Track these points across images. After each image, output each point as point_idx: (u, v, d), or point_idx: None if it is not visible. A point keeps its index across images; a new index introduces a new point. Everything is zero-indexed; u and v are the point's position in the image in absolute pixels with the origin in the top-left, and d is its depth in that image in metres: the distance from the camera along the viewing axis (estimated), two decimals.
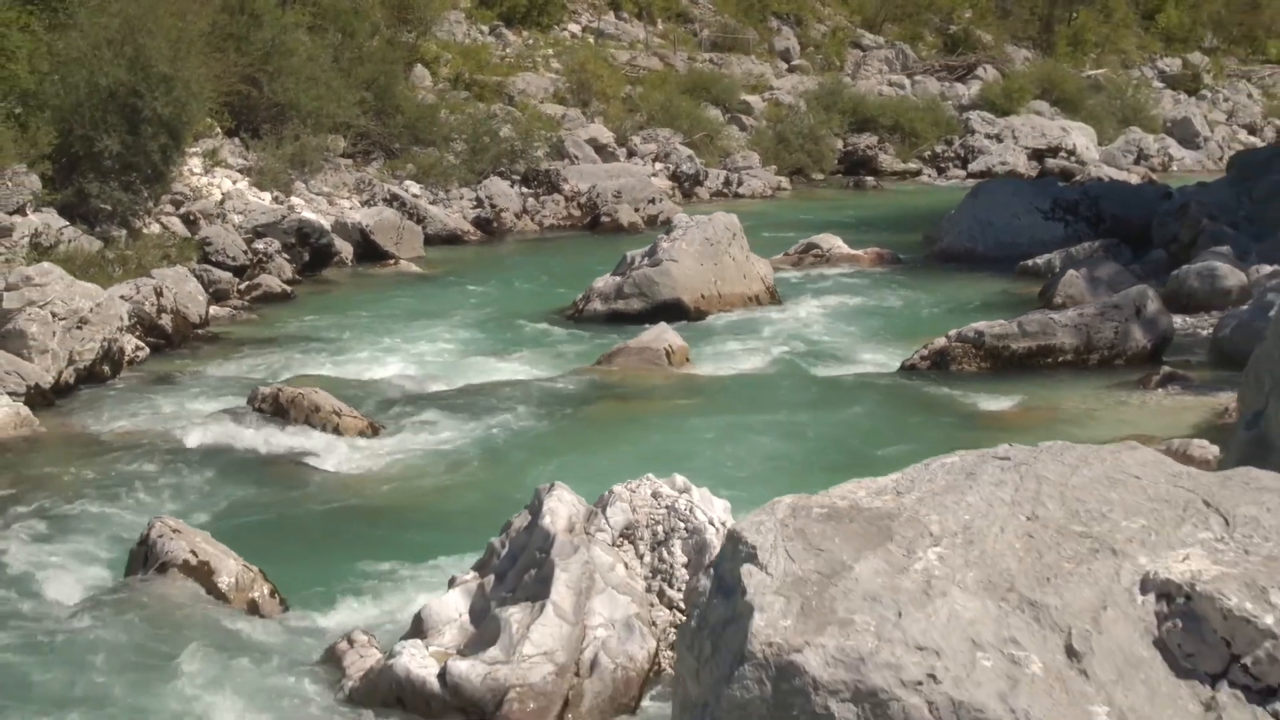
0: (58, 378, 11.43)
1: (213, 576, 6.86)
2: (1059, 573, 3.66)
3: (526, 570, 6.01)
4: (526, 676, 5.54)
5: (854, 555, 3.67)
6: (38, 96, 15.97)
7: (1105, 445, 4.25)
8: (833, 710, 3.35)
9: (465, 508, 8.13)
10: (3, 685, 5.93)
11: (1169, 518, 3.86)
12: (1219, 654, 3.50)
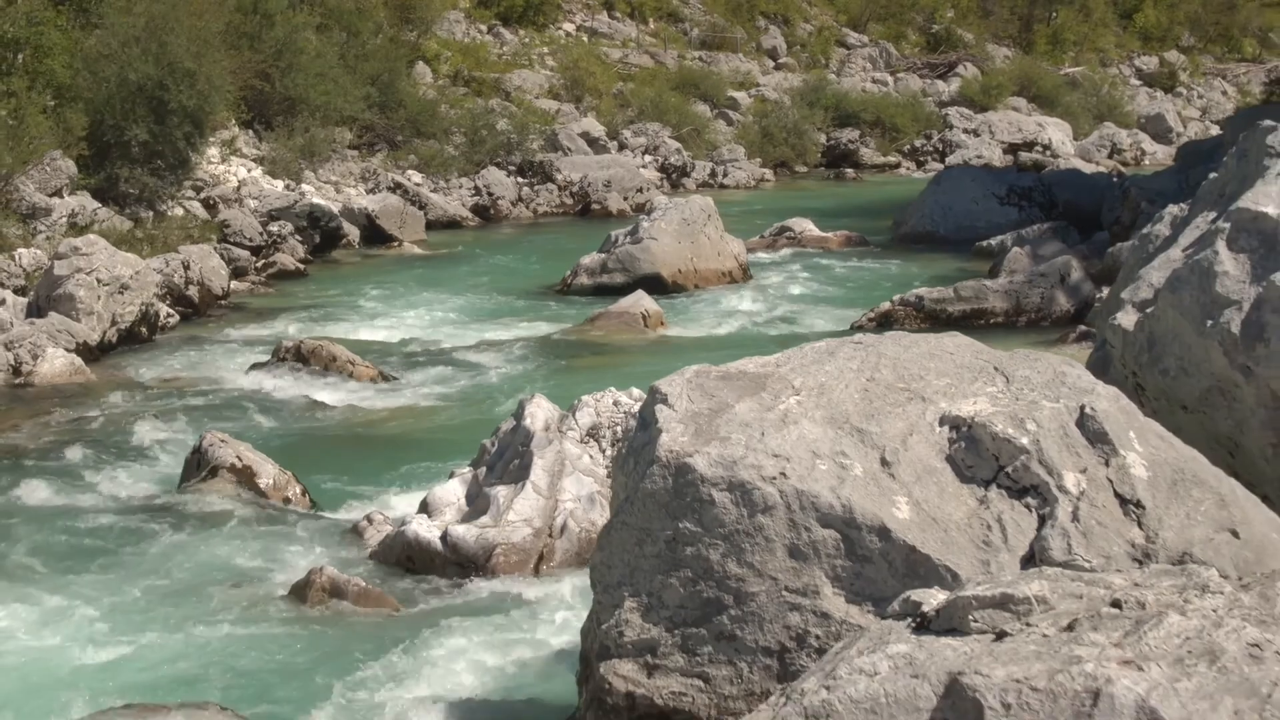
0: (102, 336, 12.91)
1: (255, 478, 8.36)
2: (882, 412, 5.15)
3: (511, 461, 7.51)
4: (510, 537, 7.03)
5: (735, 399, 5.17)
6: (72, 90, 17.44)
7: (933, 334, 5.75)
8: (714, 497, 4.84)
9: (462, 430, 9.60)
10: (84, 561, 7.38)
11: (967, 378, 5.36)
12: (990, 465, 5.00)
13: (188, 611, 6.48)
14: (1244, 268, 6.43)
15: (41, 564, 7.14)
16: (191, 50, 17.76)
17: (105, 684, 5.59)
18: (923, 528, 4.81)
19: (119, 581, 6.90)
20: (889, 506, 4.83)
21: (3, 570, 7.07)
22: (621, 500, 5.10)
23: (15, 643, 6.08)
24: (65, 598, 6.61)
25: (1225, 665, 3.59)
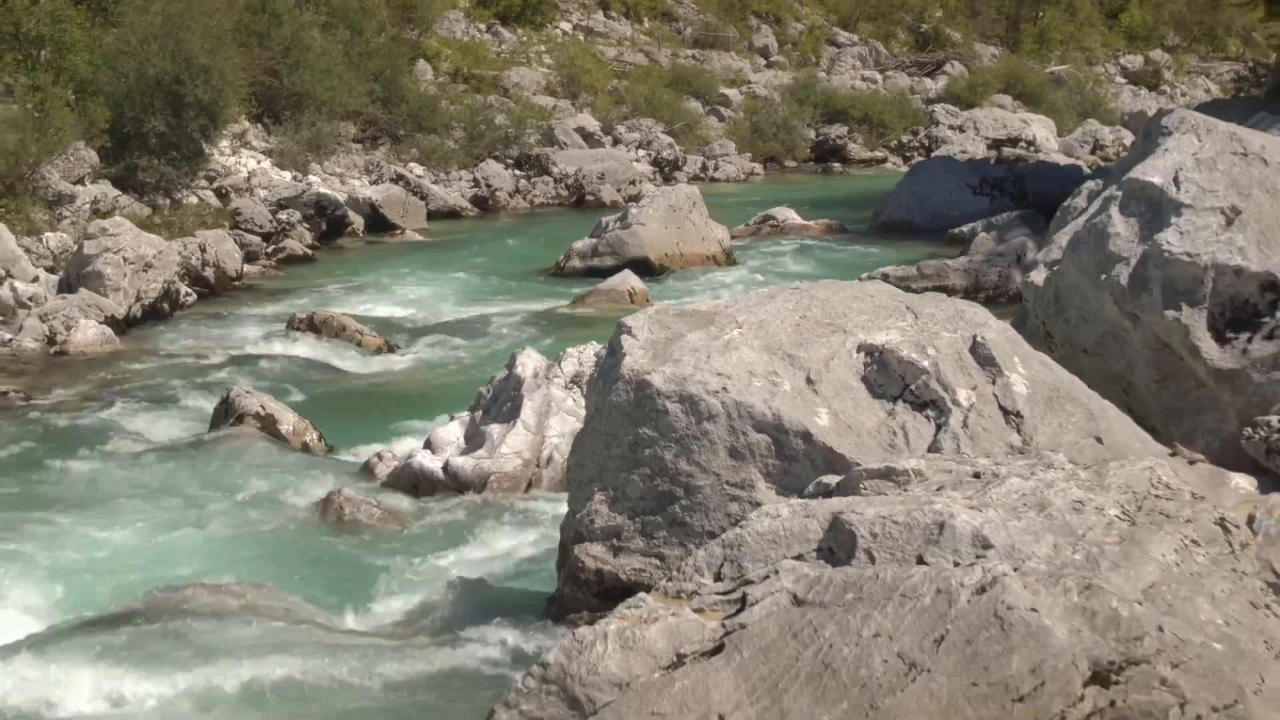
0: (128, 311, 13.95)
1: (276, 424, 9.40)
2: (809, 341, 6.20)
3: (504, 404, 8.56)
4: (502, 467, 8.08)
5: (688, 330, 6.22)
6: (93, 84, 18.49)
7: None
8: (667, 407, 5.89)
9: (459, 387, 10.63)
10: (132, 487, 8.42)
11: (882, 315, 6.41)
12: (897, 384, 6.05)
13: (225, 524, 7.53)
14: (1133, 229, 7.48)
15: (98, 489, 8.21)
16: (205, 47, 18.80)
17: (163, 574, 6.62)
18: (839, 433, 5.86)
19: (164, 502, 7.95)
20: (812, 416, 5.87)
21: (64, 496, 8.11)
22: (592, 412, 6.16)
23: (82, 547, 7.12)
24: (121, 514, 7.67)
25: (1050, 513, 4.65)
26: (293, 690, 5.36)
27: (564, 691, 4.02)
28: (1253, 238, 7.21)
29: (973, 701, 4.00)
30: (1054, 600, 4.17)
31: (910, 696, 3.97)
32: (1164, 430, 7.35)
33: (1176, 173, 7.47)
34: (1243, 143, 7.59)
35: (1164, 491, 5.07)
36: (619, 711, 3.91)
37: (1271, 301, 7.15)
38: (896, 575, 4.13)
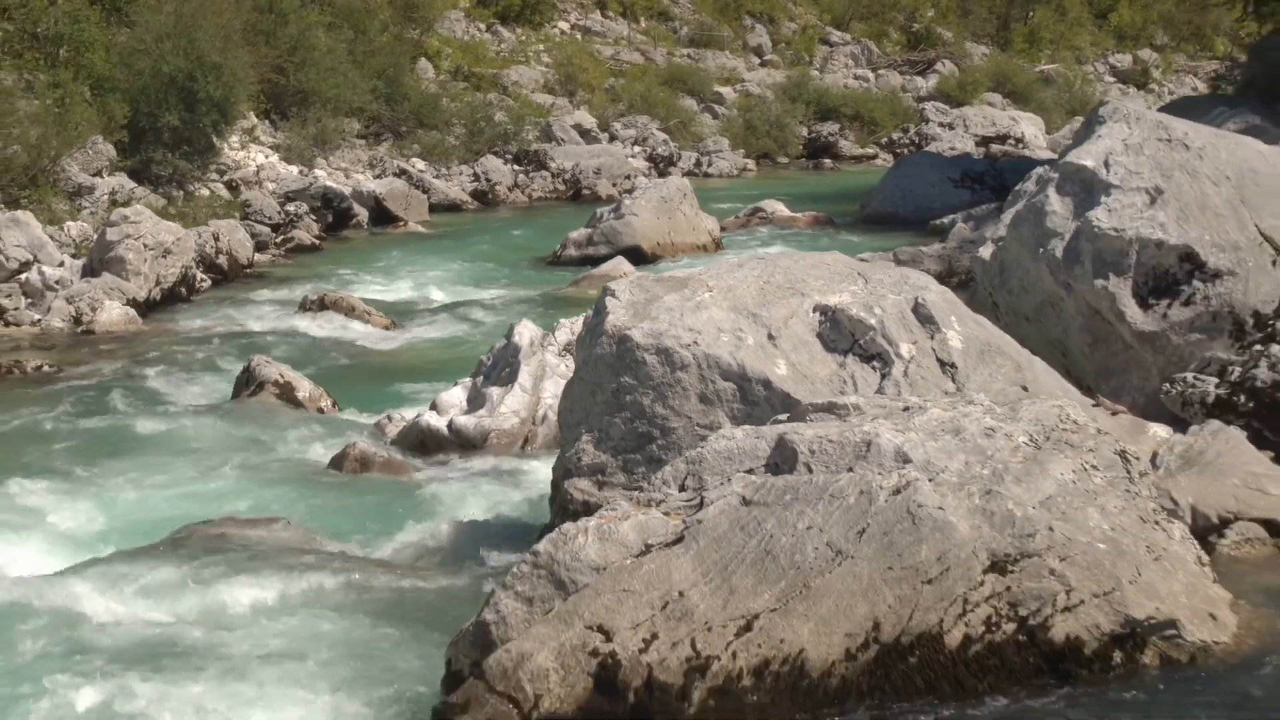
0: (148, 294, 14.76)
1: (294, 391, 10.24)
2: (772, 302, 7.04)
3: (503, 369, 9.39)
4: (501, 424, 8.92)
5: (665, 293, 7.05)
6: (110, 81, 19.32)
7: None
8: (645, 359, 6.72)
9: (460, 360, 11.43)
10: (162, 445, 9.25)
11: (837, 280, 7.24)
12: (847, 339, 6.88)
13: (251, 472, 8.37)
14: (1068, 207, 8.33)
15: (134, 445, 9.06)
16: (217, 45, 19.64)
17: (197, 513, 7.45)
18: (796, 381, 6.69)
19: (195, 454, 8.80)
20: (772, 366, 6.71)
21: (104, 450, 8.94)
22: (580, 363, 7.00)
23: (125, 491, 7.96)
24: (157, 465, 8.51)
25: (964, 437, 5.49)
26: (310, 603, 6.18)
27: (551, 575, 4.86)
28: (1173, 215, 8.06)
29: (889, 583, 4.85)
30: (959, 502, 5.01)
31: (837, 578, 4.81)
32: (1096, 388, 8.20)
33: (1107, 157, 8.31)
34: (1168, 130, 8.43)
35: (1070, 426, 5.91)
36: (596, 589, 4.74)
37: (1189, 271, 8.00)
38: (827, 479, 4.98)
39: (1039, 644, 5.01)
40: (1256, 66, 22.17)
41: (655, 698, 4.63)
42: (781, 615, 4.74)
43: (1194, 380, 7.64)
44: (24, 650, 5.63)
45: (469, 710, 4.63)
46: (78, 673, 5.33)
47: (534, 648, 4.65)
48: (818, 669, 4.75)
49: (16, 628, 5.82)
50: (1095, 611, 5.07)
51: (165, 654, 5.59)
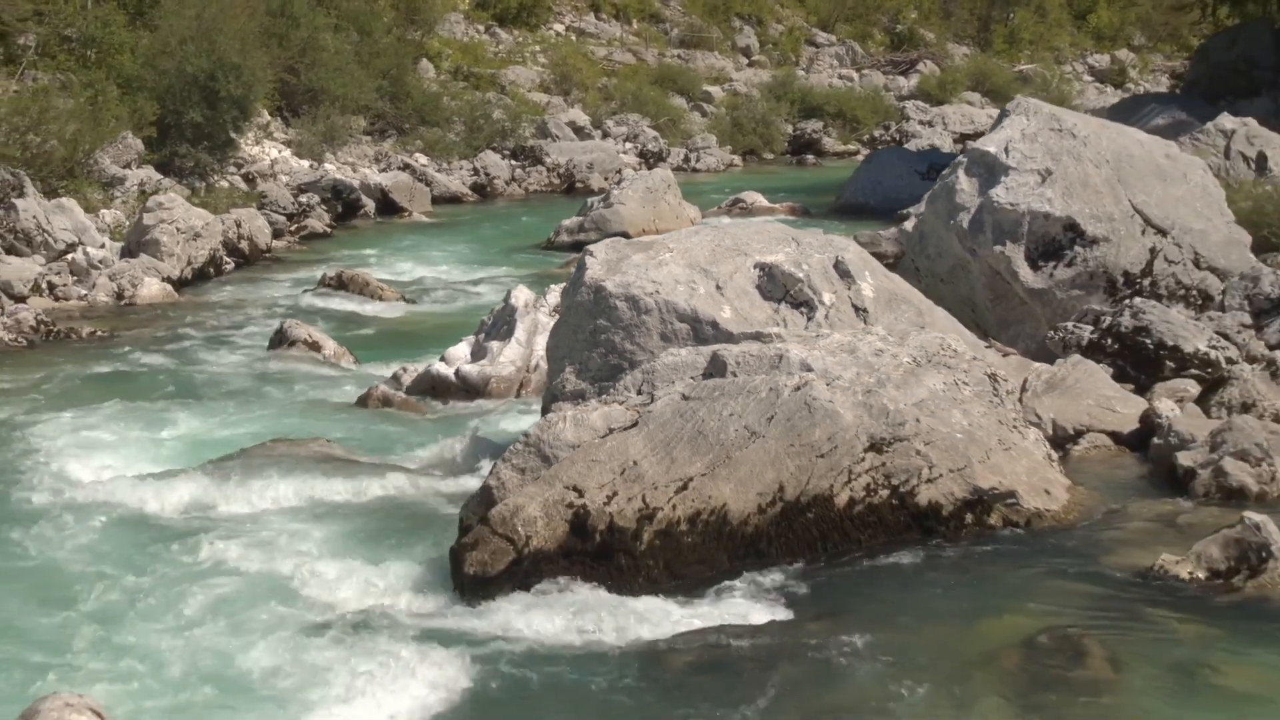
0: (181, 273, 16.36)
1: (321, 348, 11.85)
2: (720, 260, 8.65)
3: (501, 326, 11.00)
4: (500, 372, 10.53)
5: (633, 253, 8.67)
6: (137, 81, 20.92)
7: (758, 218, 9.26)
8: (616, 305, 8.33)
9: (464, 327, 12.98)
10: (209, 390, 10.84)
11: (774, 242, 8.85)
12: (780, 289, 8.50)
13: (288, 411, 9.97)
14: (974, 186, 9.95)
15: (185, 391, 10.67)
16: (236, 48, 21.24)
17: (245, 440, 9.05)
18: (738, 323, 8.30)
19: (240, 396, 10.42)
20: (719, 311, 8.32)
21: (161, 396, 10.55)
22: (564, 309, 8.62)
23: (187, 424, 9.56)
24: (208, 406, 10.11)
25: (858, 355, 7.11)
26: (351, 495, 7.78)
27: (539, 451, 6.47)
28: (1059, 192, 9.69)
29: (791, 456, 6.46)
30: (846, 398, 6.64)
31: (751, 452, 6.42)
32: (997, 336, 9.83)
33: (1007, 144, 9.94)
34: (1059, 121, 10.06)
35: (949, 352, 7.54)
36: (572, 460, 6.36)
37: (1071, 238, 9.62)
38: (746, 380, 6.60)
39: (907, 506, 6.63)
40: (1202, 67, 23.84)
41: (615, 538, 6.24)
42: (710, 478, 6.36)
43: (1073, 328, 9.26)
44: (127, 538, 7.23)
45: (477, 548, 6.24)
46: (150, 566, 6.91)
47: (525, 502, 6.26)
48: (736, 519, 6.37)
49: (102, 531, 7.39)
50: (951, 483, 6.69)
51: (240, 533, 7.19)
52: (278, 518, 7.33)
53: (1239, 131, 13.37)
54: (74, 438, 9.15)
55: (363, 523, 7.20)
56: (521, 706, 5.32)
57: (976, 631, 5.78)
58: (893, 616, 5.94)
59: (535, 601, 6.09)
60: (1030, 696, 5.23)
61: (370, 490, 7.79)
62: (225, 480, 7.88)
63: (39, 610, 6.17)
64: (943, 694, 5.25)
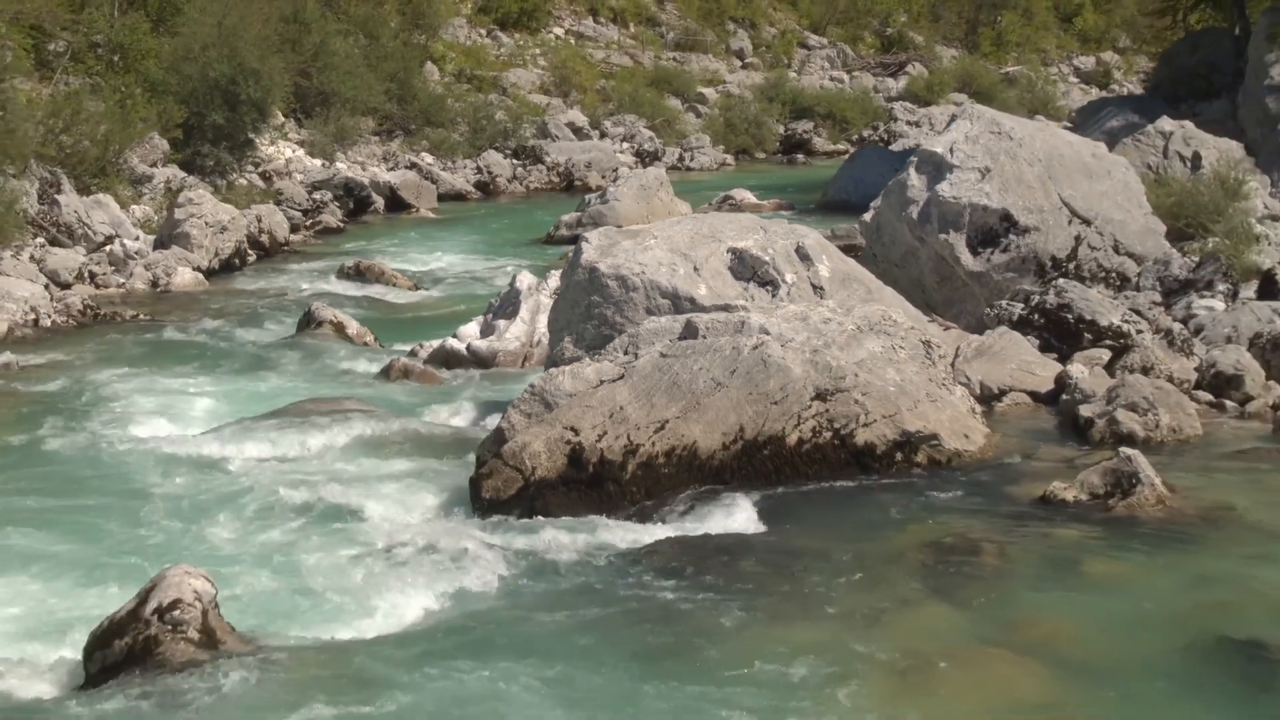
0: (209, 264, 17.72)
1: (345, 329, 13.22)
2: (698, 246, 10.03)
3: (508, 307, 12.38)
4: (507, 346, 11.91)
5: (622, 239, 10.04)
6: (162, 85, 22.29)
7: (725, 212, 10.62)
8: (608, 283, 9.70)
9: (473, 312, 14.36)
10: (242, 365, 12.20)
11: (745, 230, 10.23)
12: (750, 270, 9.88)
13: (319, 379, 11.34)
14: (923, 182, 11.32)
15: (224, 363, 12.05)
16: (256, 53, 22.61)
17: (283, 401, 10.41)
18: (712, 299, 9.67)
19: (276, 367, 11.79)
20: (697, 288, 9.69)
21: (202, 367, 11.93)
22: (563, 288, 10.00)
23: (225, 390, 10.93)
24: (247, 375, 11.50)
25: (808, 322, 8.49)
26: (382, 441, 9.15)
27: (542, 398, 7.84)
28: (997, 187, 11.06)
29: (750, 402, 7.84)
30: (796, 355, 8.01)
31: (717, 399, 7.80)
32: (942, 313, 11.20)
33: (952, 145, 11.31)
34: (998, 125, 11.43)
35: (889, 322, 8.92)
36: (569, 405, 7.73)
37: (1006, 228, 11.00)
38: (713, 341, 7.98)
39: (847, 446, 8.00)
40: (1165, 71, 25.21)
41: (605, 469, 7.62)
42: (682, 421, 7.73)
43: (1006, 305, 10.63)
44: (202, 475, 8.61)
45: (492, 477, 7.62)
46: (221, 494, 8.27)
47: (531, 440, 7.64)
48: (705, 454, 7.74)
49: (179, 469, 8.78)
50: (884, 427, 8.07)
51: (294, 470, 8.56)
52: (323, 458, 8.71)
53: (1177, 133, 14.73)
54: (135, 402, 10.53)
55: (394, 462, 8.59)
56: (527, 598, 6.67)
57: (897, 540, 7.15)
58: (831, 531, 7.30)
59: (539, 520, 7.46)
60: (936, 581, 6.59)
61: (398, 437, 9.17)
62: (275, 429, 9.26)
63: (147, 528, 7.55)
64: (867, 582, 6.61)
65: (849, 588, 6.56)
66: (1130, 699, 5.48)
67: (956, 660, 5.76)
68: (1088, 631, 6.07)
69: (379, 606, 6.41)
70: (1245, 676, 5.66)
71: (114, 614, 5.79)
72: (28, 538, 7.35)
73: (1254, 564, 6.74)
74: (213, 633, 5.68)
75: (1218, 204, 11.66)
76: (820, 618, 6.21)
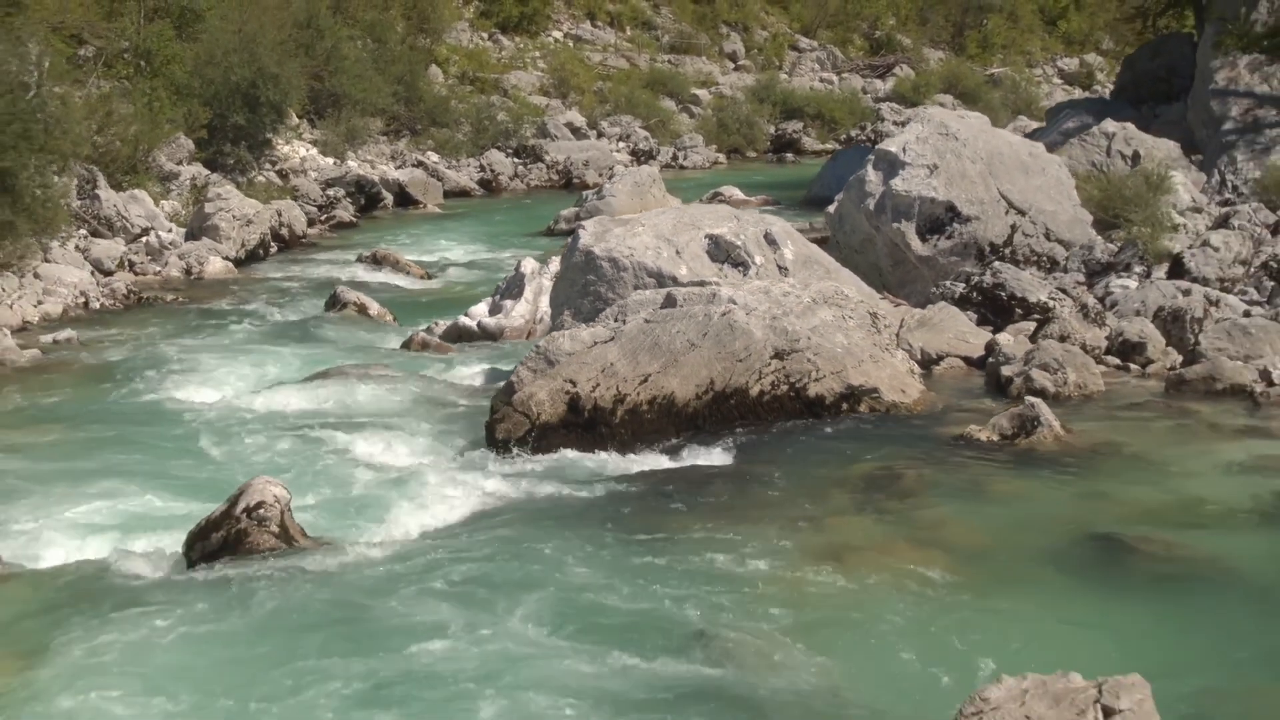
0: (236, 254, 19.27)
1: (368, 309, 14.77)
2: (680, 232, 11.59)
3: (513, 289, 13.93)
4: (512, 323, 13.46)
5: (614, 227, 11.61)
6: (187, 88, 23.84)
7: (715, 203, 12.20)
8: (601, 264, 11.26)
9: (479, 295, 15.93)
10: (276, 341, 13.74)
11: (721, 219, 11.78)
12: (724, 253, 11.45)
13: (347, 352, 12.88)
14: (880, 177, 12.87)
15: (259, 339, 13.60)
16: (274, 58, 24.16)
17: (312, 369, 11.94)
18: (691, 277, 11.22)
19: (306, 343, 13.34)
20: (679, 268, 11.25)
21: (242, 342, 13.48)
22: (562, 269, 11.55)
23: (263, 360, 12.48)
24: (281, 348, 13.04)
25: (771, 295, 10.06)
26: (407, 396, 10.69)
27: (546, 357, 9.39)
28: (943, 182, 12.61)
29: (719, 360, 9.39)
30: (758, 321, 9.57)
31: (691, 357, 9.35)
32: (896, 293, 12.74)
33: (904, 145, 12.86)
34: (946, 128, 12.98)
35: (841, 296, 10.48)
36: (568, 362, 9.28)
37: (950, 217, 12.55)
38: (689, 309, 9.54)
39: (801, 397, 9.55)
40: (1128, 74, 26.74)
41: (597, 414, 9.16)
42: (663, 375, 9.29)
43: (949, 285, 12.18)
44: (257, 427, 10.15)
45: (504, 422, 9.17)
46: (276, 434, 9.81)
47: (537, 390, 9.18)
48: (681, 403, 9.29)
49: (238, 416, 10.32)
50: (831, 381, 9.62)
51: (334, 421, 10.11)
52: (361, 409, 10.26)
53: (1119, 134, 16.28)
54: (188, 368, 12.07)
55: (421, 412, 10.14)
56: (534, 510, 8.20)
57: (837, 470, 8.68)
58: (785, 463, 8.84)
59: (543, 457, 9.01)
60: (866, 497, 8.13)
61: (423, 394, 10.73)
62: (317, 387, 10.82)
63: (214, 460, 9.12)
64: (811, 500, 8.15)
65: (796, 504, 8.10)
66: (1009, 574, 7.02)
67: (877, 549, 7.32)
68: (983, 531, 7.63)
69: (414, 516, 7.96)
70: (1108, 561, 7.19)
71: (209, 514, 7.34)
72: (120, 464, 8.91)
73: (1125, 485, 8.30)
74: (288, 530, 7.22)
75: (1142, 197, 13.21)
76: (772, 523, 7.75)
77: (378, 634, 6.28)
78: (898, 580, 6.93)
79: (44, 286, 15.73)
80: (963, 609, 6.55)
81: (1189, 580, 6.97)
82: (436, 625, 6.36)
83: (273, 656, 6.08)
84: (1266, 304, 11.29)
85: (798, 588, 6.86)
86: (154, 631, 6.34)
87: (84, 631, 6.37)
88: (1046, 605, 6.72)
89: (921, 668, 5.95)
